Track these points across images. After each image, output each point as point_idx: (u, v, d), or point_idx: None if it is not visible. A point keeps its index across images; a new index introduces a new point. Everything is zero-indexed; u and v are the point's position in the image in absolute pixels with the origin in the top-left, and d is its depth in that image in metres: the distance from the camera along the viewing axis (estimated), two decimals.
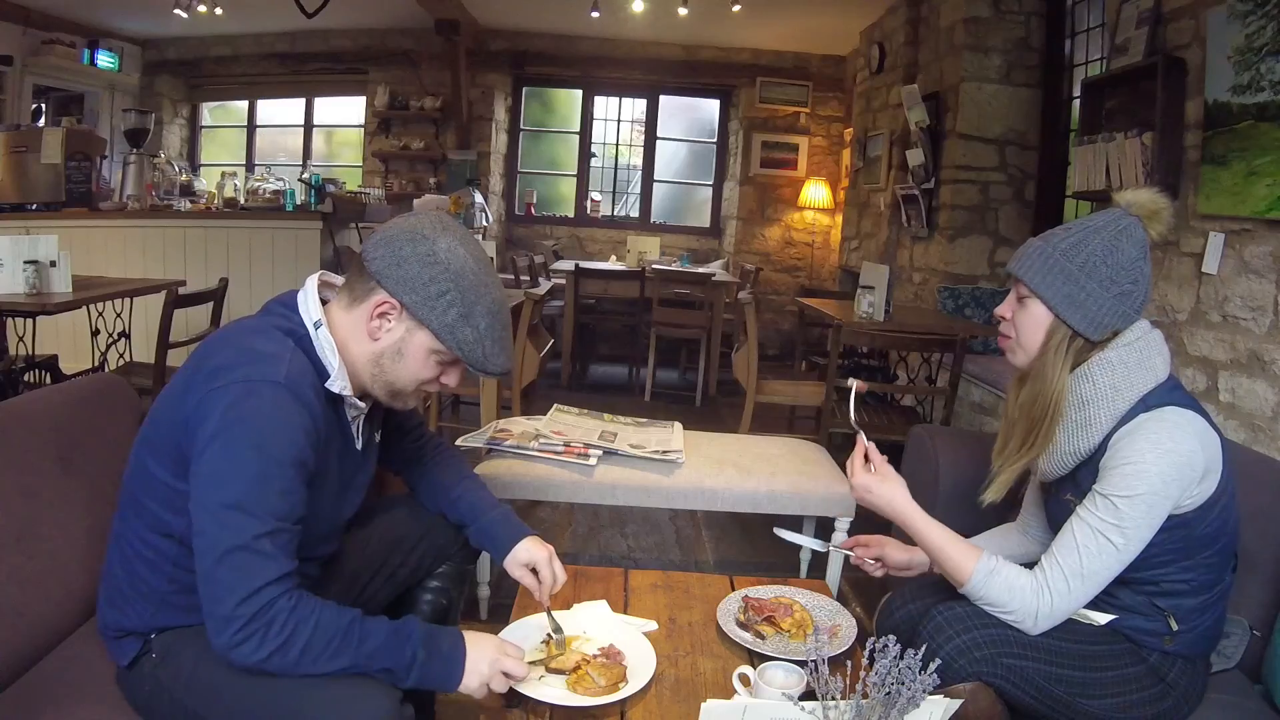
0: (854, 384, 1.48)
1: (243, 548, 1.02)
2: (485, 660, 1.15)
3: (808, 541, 1.56)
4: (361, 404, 1.24)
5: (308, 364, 1.14)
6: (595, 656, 1.26)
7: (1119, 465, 1.18)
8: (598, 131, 7.25)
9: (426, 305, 1.14)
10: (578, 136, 7.25)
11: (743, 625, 1.42)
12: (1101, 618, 1.27)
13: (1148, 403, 1.20)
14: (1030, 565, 1.26)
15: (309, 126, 7.30)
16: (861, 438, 1.36)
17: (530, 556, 1.39)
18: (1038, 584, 1.22)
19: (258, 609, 1.02)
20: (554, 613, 1.36)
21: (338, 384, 1.16)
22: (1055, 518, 1.33)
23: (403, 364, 1.19)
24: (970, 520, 1.50)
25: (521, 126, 7.27)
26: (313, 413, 1.11)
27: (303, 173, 5.21)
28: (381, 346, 1.18)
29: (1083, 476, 1.26)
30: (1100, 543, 1.18)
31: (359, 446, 1.29)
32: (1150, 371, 1.22)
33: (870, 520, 1.52)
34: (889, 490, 1.33)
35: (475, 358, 1.18)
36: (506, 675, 1.15)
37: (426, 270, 1.14)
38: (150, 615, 1.16)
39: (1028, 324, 1.28)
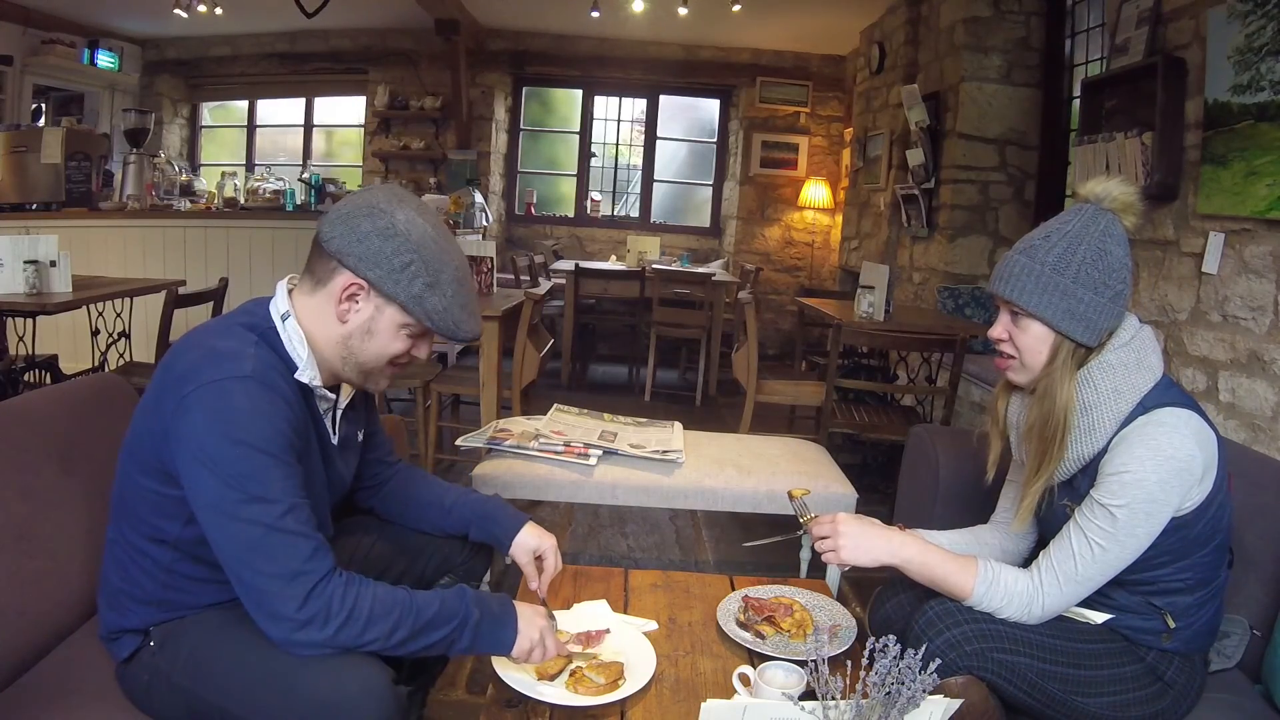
0: (794, 493, 1.47)
1: (271, 529, 1.03)
2: (535, 626, 1.19)
3: (778, 536, 1.52)
4: (330, 395, 1.24)
5: (274, 357, 1.13)
6: (578, 643, 1.27)
7: (1117, 473, 1.17)
8: (598, 131, 7.25)
9: (392, 279, 1.12)
10: (578, 136, 7.25)
11: (743, 625, 1.42)
12: (1097, 617, 1.27)
13: (1145, 404, 1.19)
14: (1005, 559, 1.26)
15: (309, 126, 7.29)
16: (811, 530, 1.35)
17: (539, 544, 1.41)
18: (1034, 587, 1.22)
19: (310, 587, 1.03)
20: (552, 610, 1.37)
21: (306, 374, 1.16)
22: (1051, 524, 1.31)
23: (372, 341, 1.17)
24: (969, 520, 1.50)
25: (521, 126, 7.27)
26: (286, 398, 1.11)
27: (303, 173, 5.21)
28: (351, 328, 1.16)
29: (1080, 481, 1.26)
30: (1096, 551, 1.18)
31: (335, 441, 1.28)
32: (1149, 370, 1.22)
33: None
34: (864, 542, 1.29)
35: (446, 326, 1.16)
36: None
37: (388, 244, 1.12)
38: (149, 615, 1.17)
39: (1030, 344, 1.26)
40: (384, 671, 1.09)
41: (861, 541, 1.30)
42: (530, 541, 1.41)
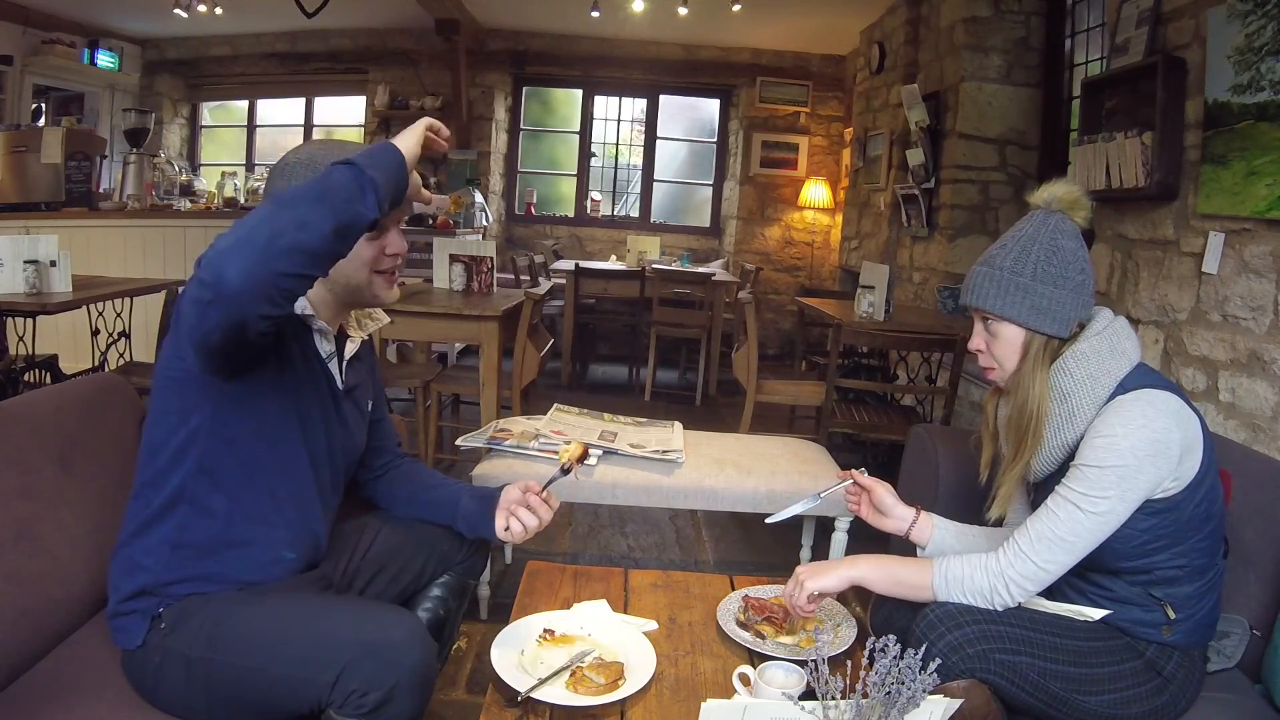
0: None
1: None
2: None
3: (798, 508, 1.53)
4: (328, 329, 1.29)
5: None
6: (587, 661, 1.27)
7: (1093, 438, 1.21)
8: (598, 131, 7.25)
9: None
10: (578, 136, 7.24)
11: (743, 625, 1.42)
12: (1095, 613, 1.28)
13: (1125, 386, 1.23)
14: None
15: (309, 126, 7.29)
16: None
17: (517, 493, 1.42)
18: (998, 551, 1.25)
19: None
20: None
21: (298, 306, 1.22)
22: None
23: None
24: (969, 520, 1.50)
25: (521, 126, 7.26)
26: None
27: None
28: None
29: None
30: (1067, 509, 1.21)
31: (341, 386, 1.33)
32: (1123, 356, 1.26)
33: (868, 530, 1.52)
34: (824, 569, 1.34)
35: None
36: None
37: (288, 175, 1.22)
38: (163, 566, 1.18)
39: (1005, 348, 1.31)
40: (420, 620, 1.18)
41: (820, 569, 1.35)
42: (512, 495, 1.42)
